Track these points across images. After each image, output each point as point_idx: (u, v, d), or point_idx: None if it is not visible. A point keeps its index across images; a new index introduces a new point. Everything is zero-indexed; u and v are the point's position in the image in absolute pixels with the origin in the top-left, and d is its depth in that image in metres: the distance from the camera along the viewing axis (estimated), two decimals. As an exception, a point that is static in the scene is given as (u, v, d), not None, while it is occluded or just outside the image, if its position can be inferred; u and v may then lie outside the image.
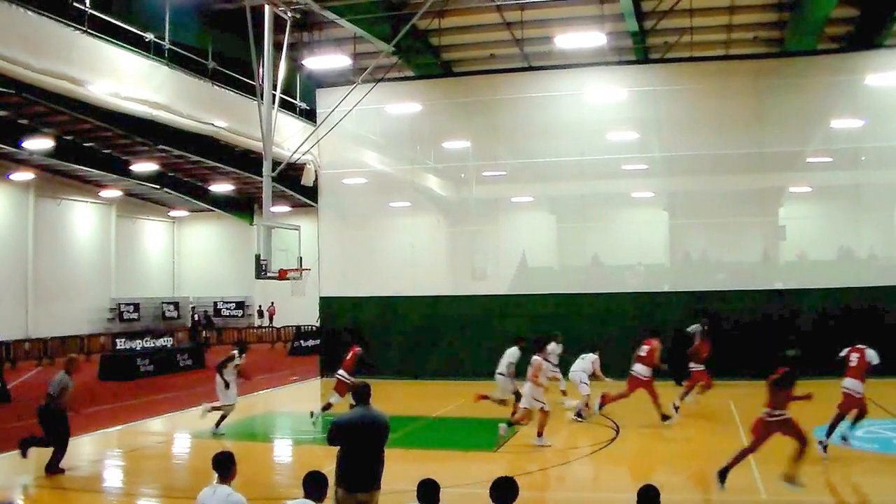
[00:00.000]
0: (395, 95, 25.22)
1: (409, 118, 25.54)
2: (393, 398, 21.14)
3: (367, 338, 23.23)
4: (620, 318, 22.35)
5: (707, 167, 23.27)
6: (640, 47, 25.20)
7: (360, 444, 7.92)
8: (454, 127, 25.77)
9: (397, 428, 15.91)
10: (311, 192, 28.04)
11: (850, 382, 13.54)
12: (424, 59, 26.34)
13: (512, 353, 15.99)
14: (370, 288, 24.75)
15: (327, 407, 16.61)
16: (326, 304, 25.44)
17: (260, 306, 45.63)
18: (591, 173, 24.10)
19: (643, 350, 16.01)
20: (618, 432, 15.43)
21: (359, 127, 25.12)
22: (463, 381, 22.09)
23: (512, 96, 24.29)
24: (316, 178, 25.12)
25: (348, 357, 17.13)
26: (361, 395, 8.23)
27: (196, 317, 45.13)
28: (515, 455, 14.03)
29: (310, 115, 26.99)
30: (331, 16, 22.28)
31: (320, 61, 23.89)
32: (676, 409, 16.44)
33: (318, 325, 28.56)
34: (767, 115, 23.16)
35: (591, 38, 22.14)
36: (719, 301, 22.29)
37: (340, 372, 16.94)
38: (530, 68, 25.86)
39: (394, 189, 26.72)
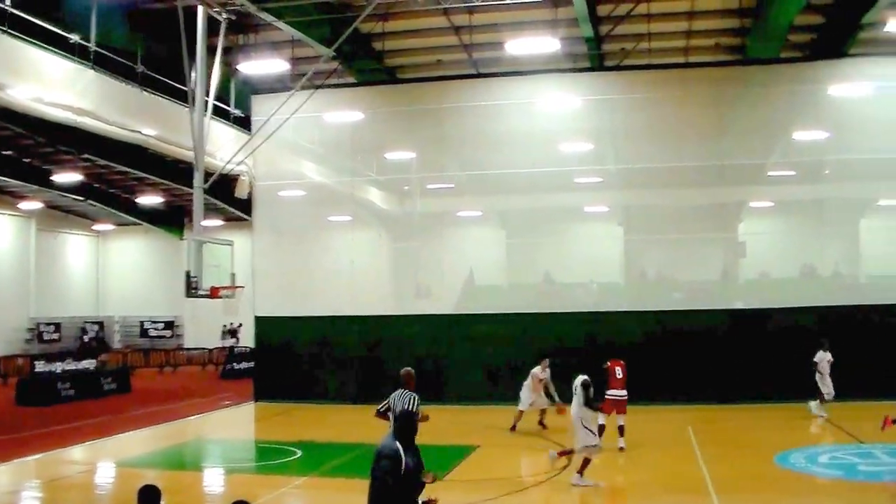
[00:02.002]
0: (335, 103, 26.95)
1: (350, 127, 27.18)
2: (333, 424, 22.86)
3: (304, 359, 25.77)
4: (573, 338, 24.13)
5: (664, 180, 25.27)
6: (596, 54, 27.00)
7: None
8: (398, 137, 27.33)
9: (338, 455, 17.88)
10: (246, 205, 29.54)
11: None
12: (367, 64, 27.89)
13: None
14: (308, 307, 26.29)
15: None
16: (262, 323, 27.01)
17: (225, 325, 46.10)
18: (542, 186, 25.78)
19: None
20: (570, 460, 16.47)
21: (296, 136, 26.75)
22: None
23: (459, 104, 26.07)
24: (250, 191, 26.70)
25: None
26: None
27: (86, 338, 45.98)
28: (463, 484, 14.93)
29: (245, 124, 28.49)
30: (268, 18, 23.45)
31: (256, 66, 25.05)
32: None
33: (251, 346, 30.27)
34: (728, 126, 25.19)
35: (544, 43, 23.58)
36: (676, 321, 24.29)
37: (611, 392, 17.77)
38: (479, 75, 27.52)
39: (333, 202, 28.21)
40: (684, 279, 26.17)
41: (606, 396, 17.18)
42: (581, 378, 15.05)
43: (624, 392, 17.62)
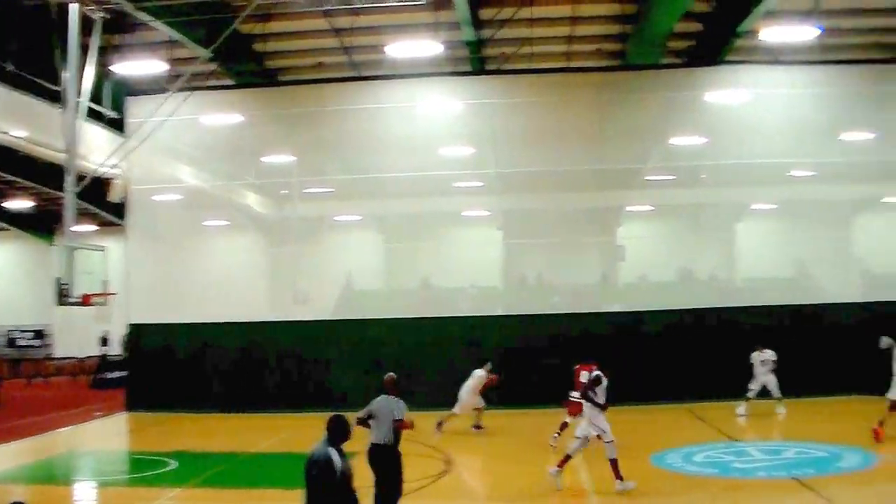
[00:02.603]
0: (213, 105, 27.46)
1: (229, 130, 27.61)
2: (209, 433, 23.23)
3: (180, 368, 26.26)
4: (451, 342, 25.25)
5: (544, 184, 26.42)
6: (477, 58, 28.01)
7: None
8: (277, 140, 27.96)
9: (215, 465, 18.18)
10: (120, 210, 29.65)
11: None
12: (247, 66, 28.35)
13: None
14: (184, 313, 26.57)
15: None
16: (136, 331, 27.29)
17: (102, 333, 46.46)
18: (422, 190, 26.80)
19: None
20: (448, 465, 17.43)
21: (173, 139, 26.99)
22: (286, 414, 24.74)
23: (340, 107, 26.86)
24: (125, 195, 27.09)
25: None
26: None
27: None
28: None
29: (119, 126, 28.33)
30: (144, 17, 23.60)
31: (132, 67, 25.05)
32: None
33: (124, 354, 30.31)
34: (608, 131, 26.46)
35: (425, 47, 24.47)
36: (556, 324, 25.47)
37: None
38: (360, 78, 28.38)
39: (210, 206, 28.72)
40: (564, 283, 27.38)
41: (570, 398, 18.65)
42: (593, 373, 15.69)
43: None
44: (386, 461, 12.15)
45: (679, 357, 25.26)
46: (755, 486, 15.36)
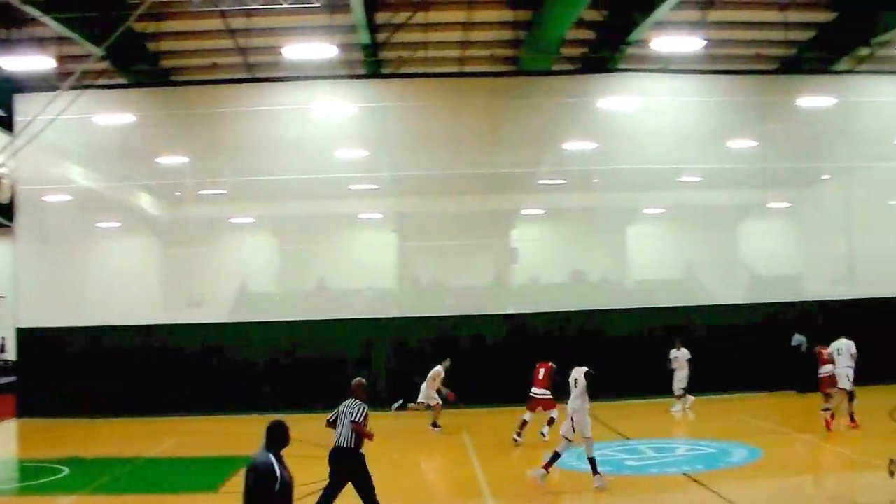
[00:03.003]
0: (105, 104, 27.63)
1: (121, 130, 27.85)
2: (103, 438, 23.23)
3: (73, 372, 26.34)
4: (348, 344, 26.31)
5: (439, 187, 27.44)
6: (372, 61, 28.87)
7: None
8: (171, 141, 28.21)
9: (108, 471, 18.14)
10: (8, 211, 29.23)
11: None
12: (140, 65, 28.58)
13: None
14: (77, 317, 26.71)
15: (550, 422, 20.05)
16: (26, 335, 27.13)
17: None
18: (317, 193, 27.43)
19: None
20: None
21: (63, 138, 26.97)
22: (181, 417, 25.14)
23: (235, 109, 27.39)
24: (12, 195, 27.13)
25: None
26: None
27: None
28: (236, 497, 16.53)
29: (7, 124, 28.35)
30: (33, 12, 23.51)
31: (20, 63, 24.98)
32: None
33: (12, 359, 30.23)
34: (501, 135, 27.61)
35: (321, 49, 25.05)
36: (451, 326, 26.62)
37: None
38: (255, 80, 28.96)
39: (102, 208, 28.73)
40: (458, 285, 28.41)
41: (532, 395, 20.11)
42: (583, 370, 16.27)
43: (543, 391, 20.17)
44: (344, 462, 12.70)
45: (571, 357, 26.35)
46: (647, 482, 16.26)
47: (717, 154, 29.69)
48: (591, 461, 15.33)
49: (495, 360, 26.06)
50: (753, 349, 27.36)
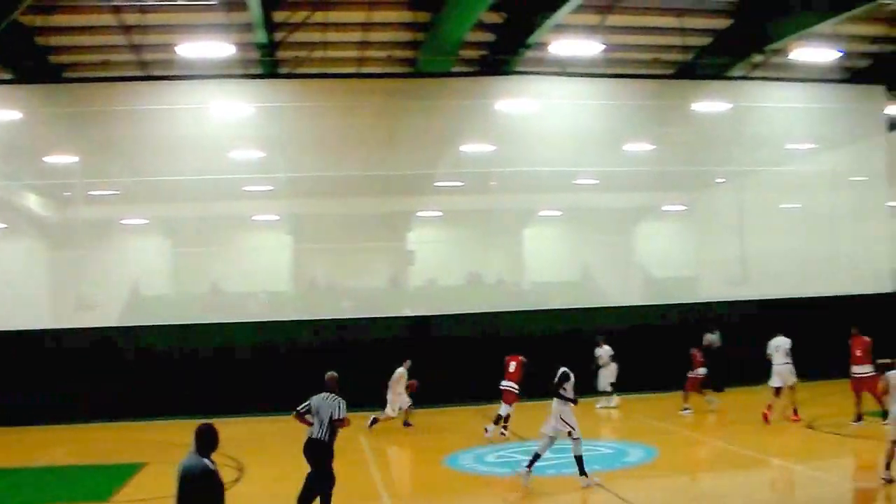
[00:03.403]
0: None
1: (7, 128, 27.46)
2: None
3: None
4: (241, 348, 26.55)
5: (335, 189, 27.91)
6: (269, 61, 28.92)
7: None
8: (60, 139, 28.00)
9: None
10: None
11: None
12: (28, 60, 28.07)
13: None
14: None
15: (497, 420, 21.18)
16: None
17: None
18: (212, 194, 27.60)
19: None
20: (240, 473, 18.05)
21: None
22: (72, 425, 25.02)
23: (128, 107, 27.15)
24: None
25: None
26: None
27: None
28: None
29: None
30: None
31: None
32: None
33: None
34: (399, 137, 28.28)
35: (217, 48, 25.20)
36: (347, 329, 27.04)
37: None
38: (149, 78, 29.01)
39: None
40: (354, 287, 29.05)
41: (502, 388, 21.47)
42: (561, 370, 16.67)
43: (511, 384, 21.55)
44: (318, 454, 13.33)
45: (467, 359, 27.06)
46: (546, 483, 16.73)
47: (614, 157, 30.93)
48: (578, 459, 16.05)
49: (392, 362, 26.11)
50: (651, 349, 28.48)
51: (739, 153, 31.95)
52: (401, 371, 23.28)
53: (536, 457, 16.26)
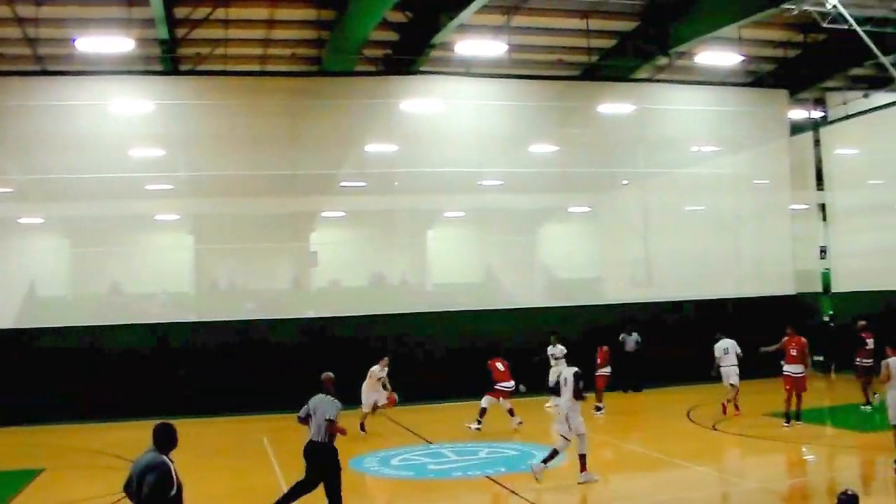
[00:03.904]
0: None
1: None
2: None
3: None
4: (141, 350, 26.86)
5: (237, 189, 28.20)
6: (170, 57, 29.35)
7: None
8: None
9: None
10: None
11: None
12: None
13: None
14: None
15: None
16: None
17: None
18: (111, 193, 27.64)
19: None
20: None
21: None
22: None
23: (22, 103, 27.28)
24: None
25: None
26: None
27: None
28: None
29: None
30: None
31: None
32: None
33: None
34: (302, 136, 28.80)
35: (116, 43, 25.40)
36: (249, 331, 27.58)
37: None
38: (46, 73, 29.13)
39: None
40: (257, 288, 29.49)
41: (495, 388, 22.92)
42: (573, 370, 17.34)
43: (506, 383, 23.07)
44: (319, 458, 13.85)
45: (371, 361, 27.87)
46: (450, 486, 17.33)
47: (519, 158, 32.00)
48: (582, 457, 16.93)
49: (294, 365, 26.65)
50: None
51: (644, 155, 33.27)
52: (374, 369, 24.13)
53: (556, 453, 17.12)
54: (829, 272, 37.06)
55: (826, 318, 35.37)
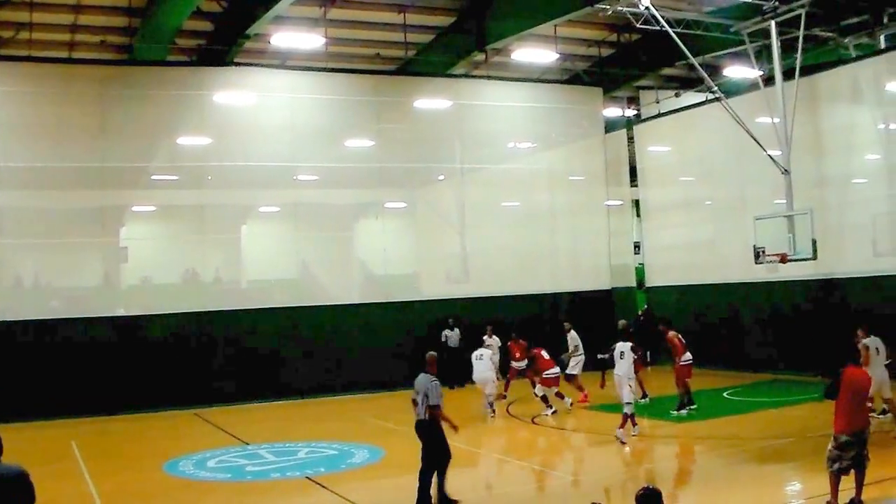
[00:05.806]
0: None
1: None
2: None
3: None
4: None
5: (42, 181, 28.79)
6: None
7: None
8: None
9: None
10: None
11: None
12: None
13: None
14: None
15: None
16: None
17: None
18: None
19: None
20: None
21: None
22: None
23: None
24: None
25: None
26: None
27: None
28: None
29: None
30: None
31: None
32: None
33: None
34: (112, 127, 29.65)
35: None
36: (56, 330, 28.30)
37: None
38: None
39: None
40: (63, 286, 30.08)
41: (544, 376, 25.50)
42: (630, 344, 22.02)
43: (556, 369, 25.70)
44: (425, 434, 15.50)
45: (184, 361, 29.59)
46: (269, 487, 17.82)
47: (335, 152, 33.92)
48: (630, 417, 21.29)
49: (104, 365, 28.26)
50: (374, 349, 32.03)
51: (461, 151, 35.73)
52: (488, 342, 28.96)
53: (629, 417, 21.23)
54: (643, 267, 40.20)
55: (640, 313, 38.32)
